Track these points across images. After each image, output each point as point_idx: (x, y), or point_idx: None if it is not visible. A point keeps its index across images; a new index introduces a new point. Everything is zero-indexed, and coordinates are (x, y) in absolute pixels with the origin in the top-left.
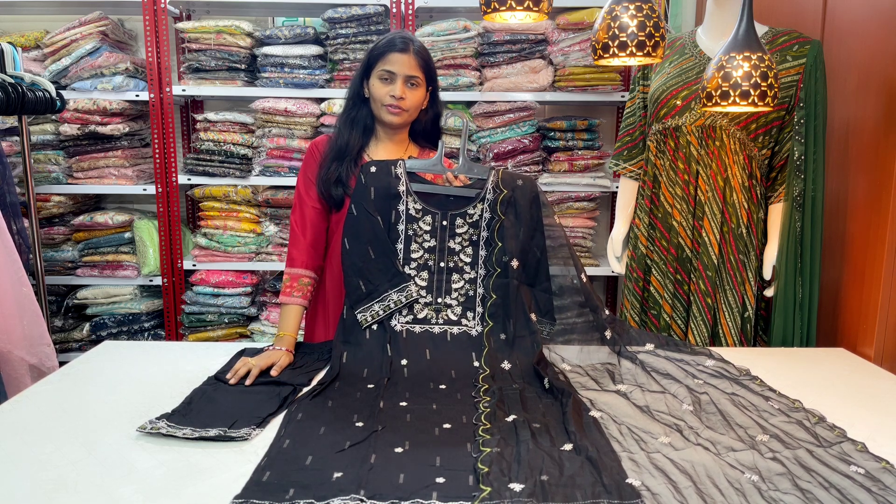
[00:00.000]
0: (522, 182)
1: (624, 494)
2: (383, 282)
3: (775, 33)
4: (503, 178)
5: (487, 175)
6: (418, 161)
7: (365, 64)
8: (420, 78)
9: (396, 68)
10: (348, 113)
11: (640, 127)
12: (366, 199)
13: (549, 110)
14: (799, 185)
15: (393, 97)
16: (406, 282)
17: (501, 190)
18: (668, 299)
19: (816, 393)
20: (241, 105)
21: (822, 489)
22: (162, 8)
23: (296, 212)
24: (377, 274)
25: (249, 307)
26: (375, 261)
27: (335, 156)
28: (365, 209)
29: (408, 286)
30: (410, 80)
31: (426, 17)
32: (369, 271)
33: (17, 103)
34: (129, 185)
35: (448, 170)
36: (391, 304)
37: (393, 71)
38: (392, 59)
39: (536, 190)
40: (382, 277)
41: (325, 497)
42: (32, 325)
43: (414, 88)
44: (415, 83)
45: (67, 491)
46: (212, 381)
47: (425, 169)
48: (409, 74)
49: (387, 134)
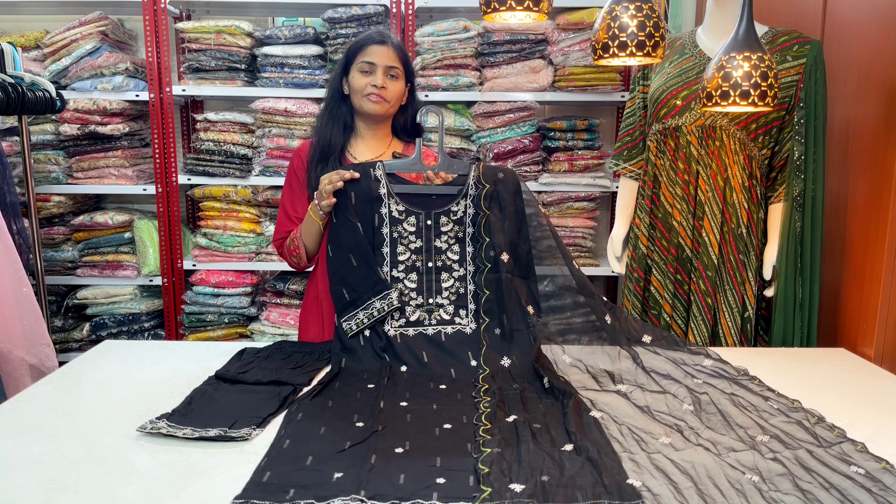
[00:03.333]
0: (504, 175)
1: (624, 495)
2: (366, 290)
3: (775, 33)
4: (484, 173)
5: (468, 170)
6: (396, 161)
7: (344, 60)
8: (399, 70)
9: (376, 59)
10: (327, 110)
11: (640, 127)
12: (345, 206)
13: (549, 110)
14: (799, 185)
15: (374, 86)
16: (388, 289)
17: (483, 185)
18: (668, 299)
19: (816, 393)
20: (241, 105)
21: (823, 490)
22: (162, 8)
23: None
24: (360, 281)
25: (249, 307)
26: (357, 268)
27: (320, 157)
28: (345, 216)
29: (389, 293)
30: (390, 71)
31: (426, 17)
32: (352, 279)
33: (17, 103)
34: (129, 185)
35: (427, 168)
36: (375, 312)
37: (373, 62)
38: (372, 51)
39: (518, 182)
40: (365, 285)
41: (325, 497)
42: (32, 325)
43: (394, 80)
44: (395, 74)
45: (67, 491)
46: (212, 380)
47: (404, 169)
48: (388, 65)
49: (368, 128)
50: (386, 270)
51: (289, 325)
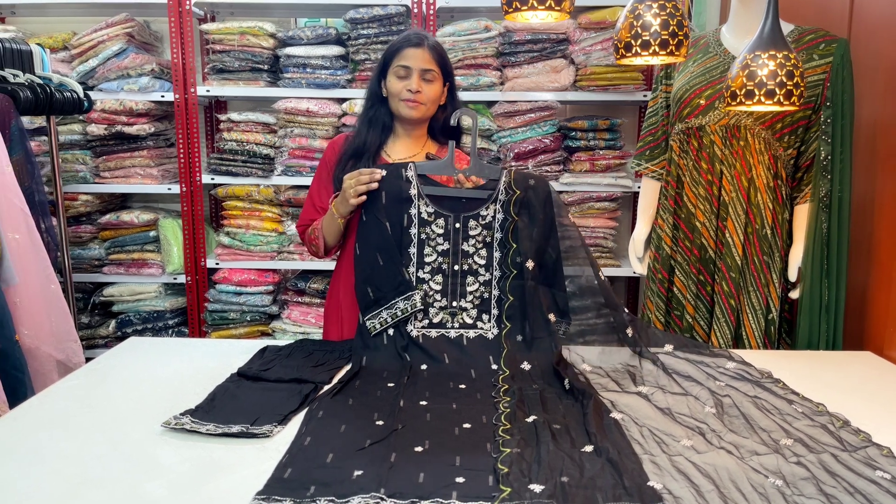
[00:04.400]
0: (535, 182)
1: (645, 497)
2: (390, 289)
3: (801, 32)
4: (515, 179)
5: (499, 176)
6: (428, 163)
7: (381, 63)
8: (435, 72)
9: (411, 62)
10: (366, 113)
11: (662, 126)
12: (376, 205)
13: (570, 110)
14: (825, 186)
15: (410, 91)
16: (412, 290)
17: (514, 191)
18: (690, 300)
19: (842, 397)
20: (264, 105)
21: (848, 494)
22: (187, 10)
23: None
24: (384, 281)
25: (271, 305)
26: (383, 267)
27: (353, 154)
28: (374, 215)
29: (413, 294)
30: (426, 74)
31: (447, 17)
32: (377, 278)
33: (45, 104)
34: (155, 185)
35: (459, 171)
36: (398, 312)
37: (408, 65)
38: (407, 55)
39: (549, 190)
40: (389, 285)
41: (345, 495)
42: (60, 322)
43: (430, 83)
44: (430, 77)
45: (93, 485)
46: (234, 378)
47: (436, 171)
48: (424, 68)
49: (405, 130)
50: (412, 271)
51: (310, 324)
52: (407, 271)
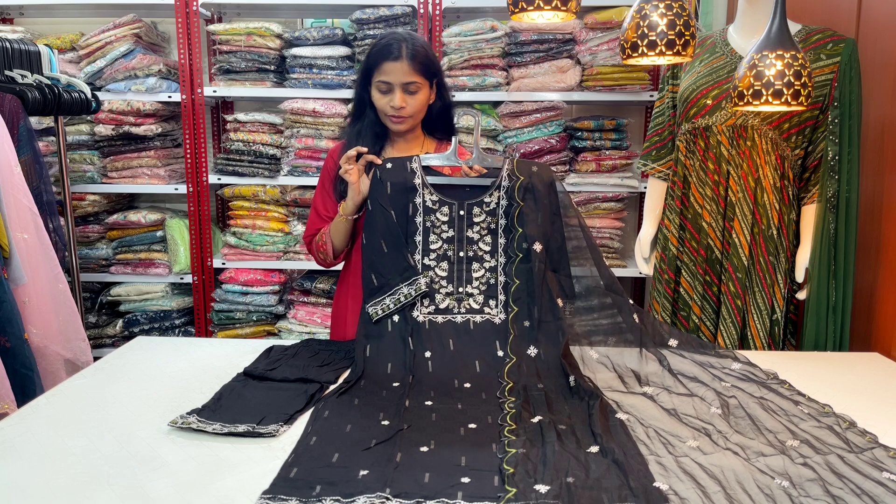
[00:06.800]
0: (538, 168)
1: (651, 498)
2: (395, 276)
3: (809, 31)
4: (518, 166)
5: (502, 164)
6: (433, 155)
7: (363, 73)
8: (419, 82)
9: (392, 78)
10: (354, 125)
11: (668, 127)
12: (381, 195)
13: (576, 110)
14: (833, 186)
15: (393, 107)
16: (416, 275)
17: (518, 177)
18: (697, 301)
19: (848, 398)
20: (270, 106)
21: (854, 496)
22: (194, 10)
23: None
24: (389, 268)
25: (277, 305)
26: (388, 255)
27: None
28: (380, 204)
29: (417, 279)
30: (409, 87)
31: (453, 17)
32: (382, 265)
33: (53, 104)
34: (162, 185)
35: (463, 161)
36: (402, 298)
37: (389, 81)
38: (386, 69)
39: (552, 176)
40: (394, 271)
41: (351, 494)
42: (68, 321)
43: (413, 94)
44: (414, 89)
45: (100, 483)
46: (241, 377)
47: (440, 162)
48: (405, 81)
49: (399, 135)
50: (418, 258)
51: (316, 324)
52: (413, 258)
